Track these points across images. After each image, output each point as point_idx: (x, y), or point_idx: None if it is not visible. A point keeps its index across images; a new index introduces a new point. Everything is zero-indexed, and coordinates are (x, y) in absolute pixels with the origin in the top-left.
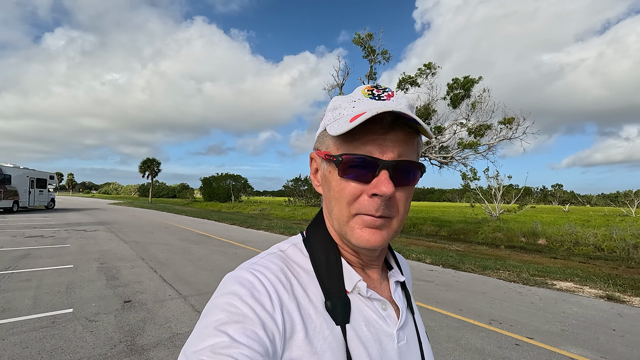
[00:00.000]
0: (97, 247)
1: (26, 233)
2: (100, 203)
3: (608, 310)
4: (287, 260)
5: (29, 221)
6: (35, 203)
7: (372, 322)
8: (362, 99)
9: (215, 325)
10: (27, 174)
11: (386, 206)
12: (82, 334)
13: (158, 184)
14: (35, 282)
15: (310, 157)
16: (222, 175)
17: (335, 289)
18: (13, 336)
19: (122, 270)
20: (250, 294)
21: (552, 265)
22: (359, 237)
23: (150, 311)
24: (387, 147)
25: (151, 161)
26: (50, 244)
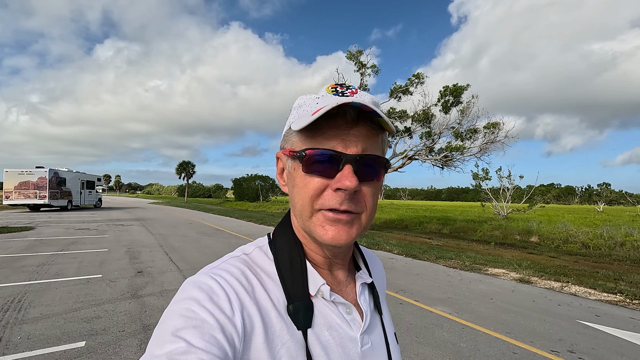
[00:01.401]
0: (129, 237)
1: (76, 226)
2: (142, 202)
3: (506, 288)
4: (250, 263)
5: (79, 217)
6: (85, 202)
7: (335, 326)
8: (325, 95)
9: (173, 331)
10: (79, 177)
11: (351, 200)
12: (104, 289)
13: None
14: (79, 259)
15: (276, 157)
16: (252, 177)
17: (299, 292)
18: (63, 287)
19: (142, 253)
20: (209, 298)
21: (509, 258)
22: (324, 234)
23: (153, 278)
24: (350, 141)
25: (187, 163)
26: (94, 234)
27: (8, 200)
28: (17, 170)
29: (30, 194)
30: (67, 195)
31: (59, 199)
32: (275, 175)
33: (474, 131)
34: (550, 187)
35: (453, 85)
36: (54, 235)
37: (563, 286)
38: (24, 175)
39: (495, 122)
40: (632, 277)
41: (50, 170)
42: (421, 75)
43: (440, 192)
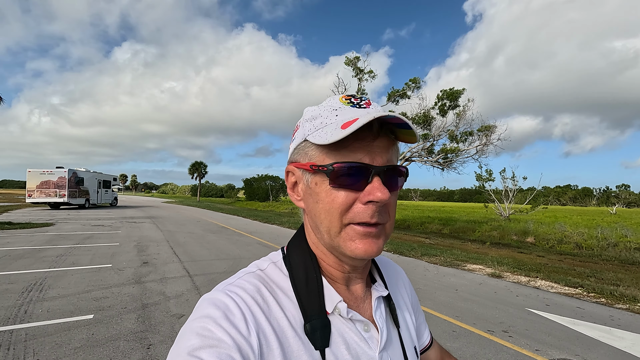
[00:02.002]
0: (139, 233)
1: (92, 223)
2: (156, 201)
3: (475, 281)
4: (265, 279)
5: (95, 215)
6: (102, 201)
7: (353, 345)
8: (343, 107)
9: (189, 350)
10: (96, 176)
11: (380, 212)
12: (112, 276)
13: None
14: (93, 251)
15: (286, 172)
16: (262, 177)
17: (315, 310)
18: (78, 274)
19: (150, 247)
20: (225, 316)
21: (494, 256)
22: (355, 248)
23: (156, 268)
24: (375, 153)
25: (199, 164)
26: (107, 230)
27: (31, 199)
28: (39, 170)
29: (51, 193)
30: (85, 194)
31: (77, 198)
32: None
33: (469, 134)
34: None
35: (449, 89)
36: (72, 230)
37: (530, 280)
38: (45, 175)
39: (489, 125)
40: (606, 275)
41: (69, 170)
42: (417, 80)
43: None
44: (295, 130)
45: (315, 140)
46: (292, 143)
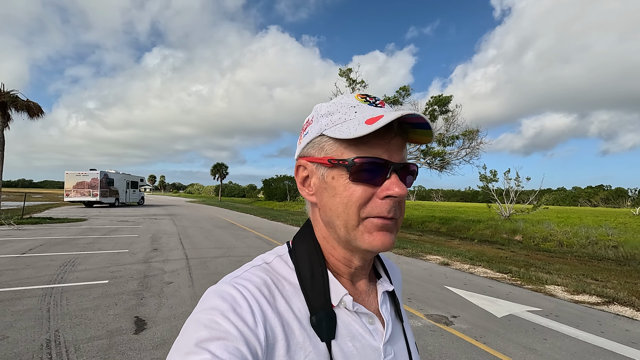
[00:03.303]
0: (157, 228)
1: (119, 219)
2: (180, 201)
3: (421, 267)
4: (272, 272)
5: (122, 212)
6: (130, 200)
7: (358, 337)
8: (360, 105)
9: (197, 341)
10: (125, 177)
11: (396, 208)
12: (127, 258)
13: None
14: (115, 241)
15: (297, 166)
16: (281, 177)
17: (321, 303)
18: (101, 256)
19: (162, 238)
20: (232, 309)
21: (462, 250)
22: (372, 241)
23: (163, 253)
24: (393, 151)
25: (220, 165)
26: (130, 225)
27: (68, 198)
28: (75, 172)
29: (85, 192)
30: (115, 193)
31: (108, 197)
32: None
33: (455, 138)
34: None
35: (438, 95)
36: (101, 225)
37: (470, 267)
38: (80, 176)
39: (472, 129)
40: (555, 267)
41: (101, 172)
42: (408, 88)
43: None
44: (306, 125)
45: (336, 135)
46: (302, 138)
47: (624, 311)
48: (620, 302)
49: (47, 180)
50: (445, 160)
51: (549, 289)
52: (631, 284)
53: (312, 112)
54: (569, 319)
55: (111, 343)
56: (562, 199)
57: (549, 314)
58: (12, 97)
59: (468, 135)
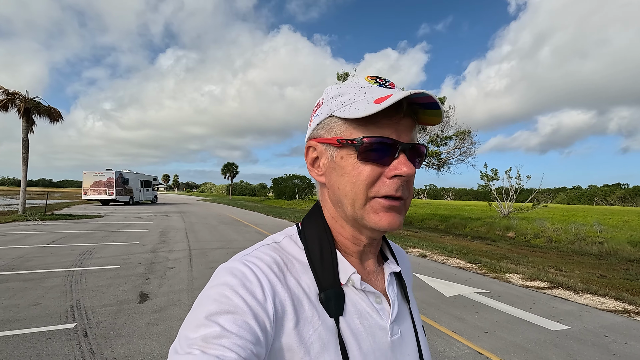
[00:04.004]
0: (167, 223)
1: (132, 216)
2: (192, 199)
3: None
4: (281, 251)
5: (136, 210)
6: (143, 198)
7: (366, 315)
8: (370, 85)
9: (207, 315)
10: (139, 177)
11: (404, 187)
12: (137, 248)
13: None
14: (128, 234)
15: (307, 147)
16: (289, 176)
17: (330, 281)
18: (114, 247)
19: (170, 232)
20: (242, 284)
21: (447, 244)
22: (379, 220)
23: (169, 244)
24: (402, 131)
25: (230, 165)
26: (142, 221)
27: (86, 196)
28: (92, 172)
29: (102, 191)
30: (129, 192)
31: (123, 195)
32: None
33: (448, 138)
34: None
35: None
36: (115, 221)
37: (445, 259)
38: (97, 176)
39: (464, 130)
40: (528, 260)
41: (117, 172)
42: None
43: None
44: (316, 107)
45: (345, 115)
46: (313, 120)
47: (562, 294)
48: (564, 287)
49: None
50: (442, 159)
51: (507, 276)
52: (590, 274)
53: (322, 94)
54: (509, 298)
55: (120, 309)
56: (577, 197)
57: (494, 295)
58: (35, 103)
59: (460, 135)
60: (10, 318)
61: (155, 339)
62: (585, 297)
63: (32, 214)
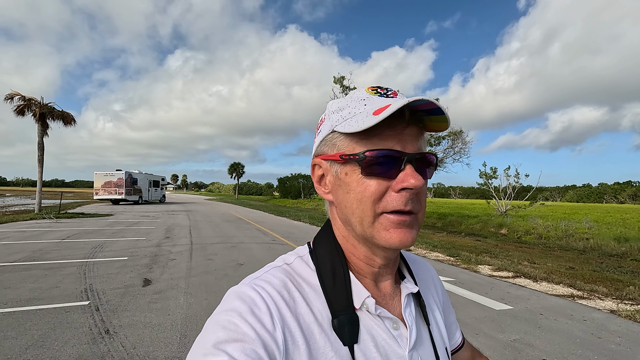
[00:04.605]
0: (173, 221)
1: (141, 214)
2: (199, 199)
3: None
4: (292, 274)
5: (145, 209)
6: (152, 198)
7: (382, 342)
8: (370, 97)
9: (214, 343)
10: (147, 177)
11: (413, 200)
12: (143, 243)
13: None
14: (136, 231)
15: (312, 165)
16: (295, 176)
17: (343, 305)
18: (123, 242)
19: (175, 229)
20: (251, 311)
21: (435, 240)
22: (390, 238)
23: (173, 240)
24: (406, 141)
25: (237, 164)
26: (150, 219)
27: (97, 196)
28: (103, 172)
29: (112, 191)
30: (139, 192)
31: (132, 195)
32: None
33: (442, 138)
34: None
35: None
36: (125, 219)
37: (426, 252)
38: (107, 176)
39: (456, 130)
40: (507, 254)
41: (126, 172)
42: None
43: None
44: (319, 123)
45: (345, 129)
46: (316, 137)
47: (522, 282)
48: (526, 276)
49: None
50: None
51: (479, 268)
52: (561, 266)
53: (325, 110)
54: (470, 285)
55: (126, 291)
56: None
57: (458, 282)
58: (50, 108)
59: (452, 136)
60: (36, 297)
61: (155, 312)
62: (542, 284)
63: (48, 213)
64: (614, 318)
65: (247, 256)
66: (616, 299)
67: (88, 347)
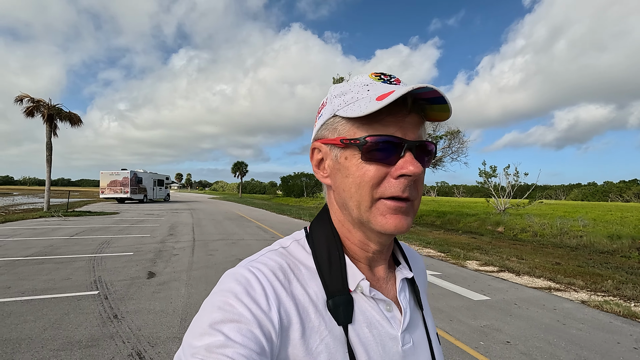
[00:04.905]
0: (176, 219)
1: (146, 212)
2: (203, 197)
3: None
4: (288, 256)
5: (149, 207)
6: (156, 197)
7: (375, 323)
8: (373, 83)
9: (211, 323)
10: (152, 176)
11: (411, 187)
12: (148, 239)
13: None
14: (141, 228)
15: (312, 149)
16: (298, 174)
17: (338, 287)
18: (129, 238)
19: (179, 227)
20: (246, 291)
21: (431, 237)
22: (386, 223)
23: (176, 236)
24: (407, 128)
25: (240, 163)
26: (154, 217)
27: (103, 195)
28: (109, 172)
29: (118, 190)
30: (143, 191)
31: (137, 194)
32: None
33: (439, 138)
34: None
35: None
36: (130, 217)
37: (419, 249)
38: (113, 175)
39: (453, 130)
40: (498, 250)
41: (131, 172)
42: None
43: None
44: (321, 107)
45: (347, 114)
46: (317, 121)
47: (505, 276)
48: (509, 270)
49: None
50: (437, 157)
51: (466, 263)
52: (548, 262)
53: (327, 94)
54: (455, 279)
55: (132, 282)
56: (592, 194)
57: (444, 276)
58: (58, 110)
59: (449, 135)
60: (50, 287)
61: (158, 300)
62: (523, 278)
63: (56, 211)
64: (583, 308)
65: (246, 252)
66: (591, 291)
67: (99, 329)
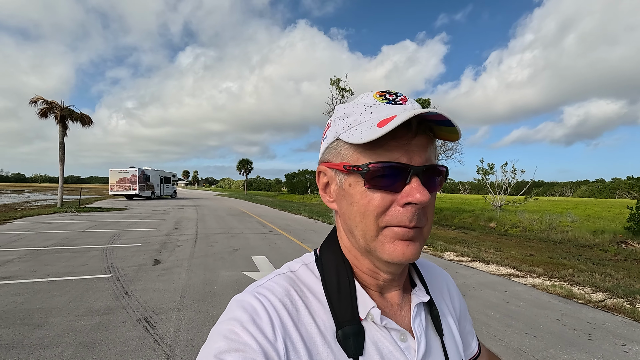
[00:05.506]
0: (182, 215)
1: (153, 208)
2: (209, 194)
3: None
4: (296, 282)
5: (157, 204)
6: (163, 193)
7: (388, 355)
8: (377, 104)
9: (216, 353)
10: (159, 174)
11: (419, 215)
12: (155, 233)
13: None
14: (148, 223)
15: (317, 172)
16: (302, 172)
17: (347, 316)
18: (136, 232)
19: (183, 222)
20: (252, 320)
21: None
22: (392, 252)
23: (181, 230)
24: (414, 152)
25: (245, 161)
26: (161, 213)
27: (112, 192)
28: (117, 169)
29: (126, 187)
30: (151, 188)
31: (145, 191)
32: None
33: None
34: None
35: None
36: (138, 213)
37: None
38: (121, 173)
39: None
40: (480, 243)
41: (139, 169)
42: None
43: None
44: (326, 128)
45: (349, 139)
46: (323, 142)
47: (475, 265)
48: (481, 260)
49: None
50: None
51: (444, 254)
52: (523, 254)
53: (332, 114)
54: None
55: (140, 268)
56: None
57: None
58: (70, 111)
59: None
60: (69, 271)
61: (162, 282)
62: (491, 267)
63: (69, 207)
64: (531, 290)
65: (243, 244)
66: (546, 277)
67: (113, 301)
